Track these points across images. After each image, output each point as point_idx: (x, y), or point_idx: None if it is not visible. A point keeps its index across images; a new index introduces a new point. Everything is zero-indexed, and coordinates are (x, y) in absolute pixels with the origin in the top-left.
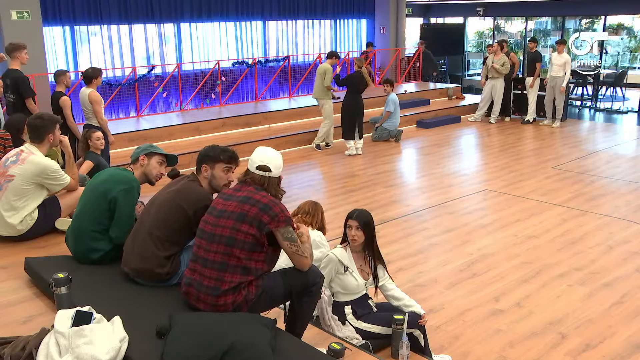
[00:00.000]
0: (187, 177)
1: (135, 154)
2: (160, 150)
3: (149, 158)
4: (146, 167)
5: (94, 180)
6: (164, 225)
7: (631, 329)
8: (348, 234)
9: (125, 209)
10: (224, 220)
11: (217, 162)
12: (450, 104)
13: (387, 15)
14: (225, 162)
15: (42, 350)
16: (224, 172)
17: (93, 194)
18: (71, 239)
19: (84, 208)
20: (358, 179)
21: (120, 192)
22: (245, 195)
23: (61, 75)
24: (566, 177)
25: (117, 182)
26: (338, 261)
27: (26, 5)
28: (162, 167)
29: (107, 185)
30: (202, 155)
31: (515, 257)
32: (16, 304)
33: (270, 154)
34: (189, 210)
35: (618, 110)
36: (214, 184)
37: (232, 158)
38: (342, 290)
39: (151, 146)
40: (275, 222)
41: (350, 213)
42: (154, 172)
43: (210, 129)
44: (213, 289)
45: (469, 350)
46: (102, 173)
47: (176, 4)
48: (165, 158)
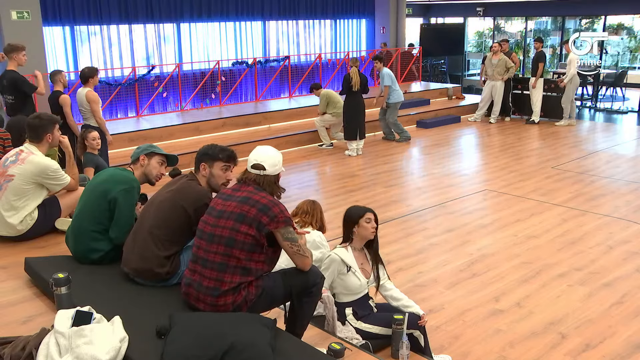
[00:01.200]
0: (186, 177)
1: (135, 154)
2: (161, 150)
3: (149, 158)
4: (146, 167)
5: (94, 180)
6: (164, 224)
7: (631, 329)
8: (366, 230)
9: (125, 209)
10: (224, 221)
11: (216, 161)
12: (450, 104)
13: (387, 15)
14: (224, 161)
15: (42, 350)
16: (223, 170)
17: (93, 194)
18: (71, 239)
19: (84, 208)
20: (358, 179)
21: (120, 192)
22: (245, 195)
23: (57, 75)
24: (566, 177)
25: (116, 182)
26: (341, 261)
27: (26, 5)
28: (162, 167)
29: (107, 185)
30: (201, 154)
31: (515, 257)
32: (16, 304)
33: (266, 152)
34: (189, 209)
35: (618, 110)
36: (212, 182)
37: (231, 157)
38: (344, 291)
39: (151, 146)
40: (275, 222)
41: (360, 209)
42: (154, 172)
43: (210, 129)
44: (213, 289)
45: (469, 350)
46: (102, 173)
47: (176, 4)
48: (166, 158)
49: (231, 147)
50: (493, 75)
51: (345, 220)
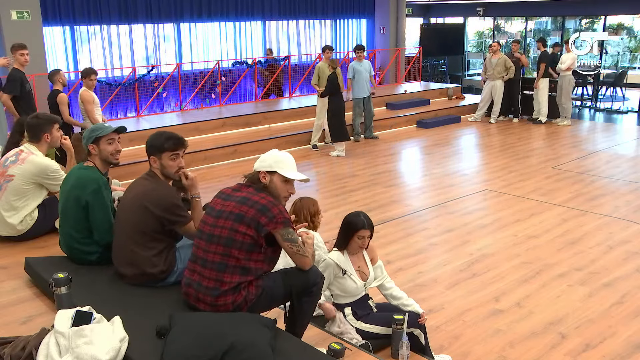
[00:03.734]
0: (146, 175)
1: (84, 146)
2: (104, 131)
3: (97, 144)
4: (100, 153)
5: (64, 185)
6: (137, 229)
7: (631, 329)
8: (357, 242)
9: (99, 211)
10: (223, 221)
11: (163, 152)
12: (450, 104)
13: (387, 15)
14: (170, 150)
15: (42, 350)
16: (172, 159)
17: (68, 202)
18: (63, 245)
19: (64, 216)
20: (358, 179)
21: (90, 195)
22: (244, 196)
23: (55, 75)
24: (566, 177)
25: (83, 186)
26: (336, 265)
27: (26, 5)
28: (115, 144)
29: (76, 192)
30: (148, 146)
31: (515, 257)
32: (16, 304)
33: (272, 152)
34: (155, 211)
35: (618, 110)
36: (166, 173)
37: (177, 144)
38: (341, 293)
39: (92, 131)
40: (274, 223)
41: (358, 222)
42: (109, 153)
43: (210, 129)
44: (213, 289)
45: (469, 350)
46: (69, 177)
47: (176, 4)
48: (114, 133)
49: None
50: (493, 74)
51: (343, 228)
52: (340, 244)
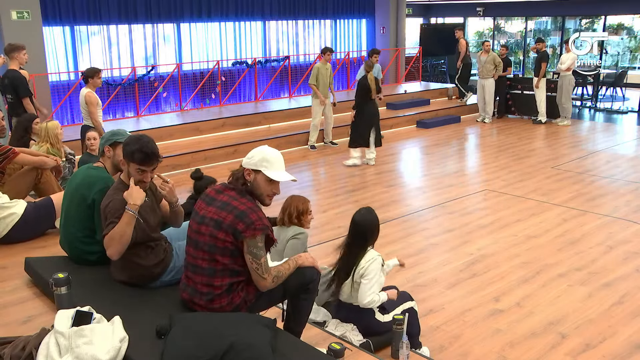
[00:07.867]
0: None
1: (100, 145)
2: (124, 136)
3: (113, 148)
4: (113, 158)
5: (70, 185)
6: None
7: (631, 329)
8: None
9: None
10: (204, 227)
11: (131, 162)
12: (450, 104)
13: (387, 15)
14: (137, 163)
15: (42, 350)
16: (137, 173)
17: (73, 202)
18: (65, 245)
19: (68, 215)
20: (358, 178)
21: (97, 194)
22: (225, 200)
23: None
24: (566, 177)
25: (90, 185)
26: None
27: (26, 5)
28: None
29: (82, 191)
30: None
31: (515, 257)
32: (16, 304)
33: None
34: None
35: (618, 110)
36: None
37: (143, 160)
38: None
39: (114, 134)
40: (252, 229)
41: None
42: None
43: (210, 129)
44: (206, 294)
45: (469, 350)
46: (75, 176)
47: (176, 4)
48: None
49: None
50: (482, 72)
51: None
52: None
